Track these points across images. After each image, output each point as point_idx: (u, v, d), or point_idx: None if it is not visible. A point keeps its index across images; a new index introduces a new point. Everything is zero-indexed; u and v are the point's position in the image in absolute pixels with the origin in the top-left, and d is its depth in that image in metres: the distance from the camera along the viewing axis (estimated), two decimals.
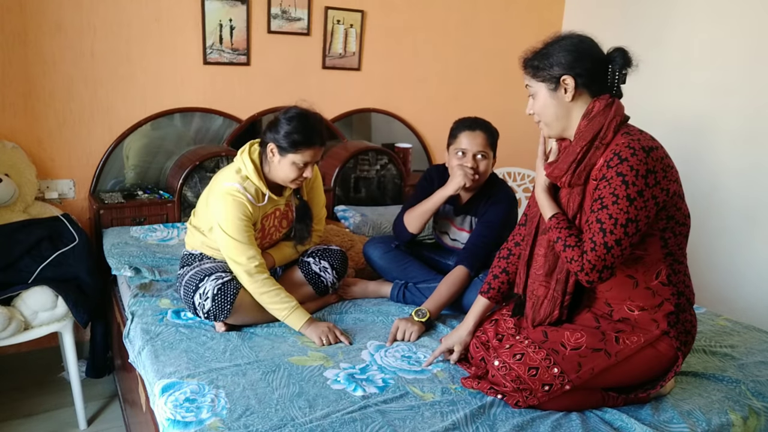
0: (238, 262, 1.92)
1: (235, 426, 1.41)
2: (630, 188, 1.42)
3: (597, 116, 1.51)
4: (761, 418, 1.64)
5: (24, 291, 2.18)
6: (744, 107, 2.88)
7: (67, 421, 2.38)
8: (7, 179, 2.32)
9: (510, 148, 3.72)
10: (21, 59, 2.52)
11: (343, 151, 3.12)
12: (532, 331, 1.65)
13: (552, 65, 1.54)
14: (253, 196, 1.97)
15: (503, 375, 1.56)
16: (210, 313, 1.90)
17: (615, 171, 1.43)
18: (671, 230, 1.52)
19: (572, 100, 1.54)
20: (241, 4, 2.88)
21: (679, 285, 1.55)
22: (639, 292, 1.56)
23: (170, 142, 2.89)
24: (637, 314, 1.57)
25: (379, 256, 2.32)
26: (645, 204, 1.43)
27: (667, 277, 1.54)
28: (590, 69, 1.52)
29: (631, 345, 1.54)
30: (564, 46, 1.54)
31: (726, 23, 2.93)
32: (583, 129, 1.53)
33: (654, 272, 1.54)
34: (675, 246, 1.53)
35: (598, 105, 1.52)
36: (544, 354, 1.54)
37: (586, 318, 1.63)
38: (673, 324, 1.54)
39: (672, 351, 1.55)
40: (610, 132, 1.49)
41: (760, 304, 2.86)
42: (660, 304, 1.55)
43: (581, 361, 1.52)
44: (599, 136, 1.50)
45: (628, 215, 1.42)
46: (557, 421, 1.52)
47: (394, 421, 1.47)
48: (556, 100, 1.56)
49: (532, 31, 3.76)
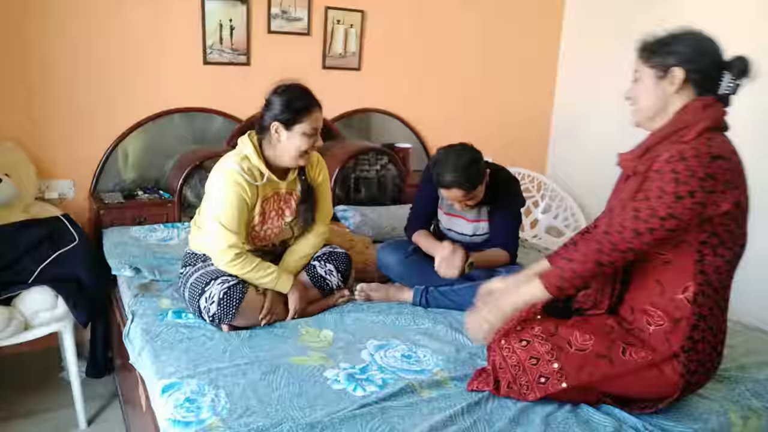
0: (220, 248, 1.93)
1: (235, 426, 1.41)
2: (680, 186, 1.38)
3: (690, 113, 1.48)
4: (761, 418, 1.64)
5: (24, 291, 2.18)
6: (747, 105, 2.88)
7: (67, 421, 2.38)
8: (7, 179, 2.32)
9: (510, 149, 3.73)
10: (21, 59, 2.52)
11: (343, 151, 3.12)
12: (545, 321, 1.63)
13: (668, 54, 1.50)
14: (249, 175, 1.96)
15: (505, 357, 1.57)
16: (215, 317, 1.89)
17: (671, 167, 1.40)
18: (711, 248, 1.46)
19: (675, 93, 1.51)
20: (241, 4, 2.88)
21: (704, 308, 1.48)
22: (662, 301, 1.51)
23: (170, 142, 2.89)
24: (653, 330, 1.52)
25: (396, 262, 2.29)
26: (693, 206, 1.38)
27: (694, 296, 1.47)
28: (704, 68, 1.49)
29: (637, 359, 1.50)
30: (686, 39, 1.51)
31: (727, 24, 2.93)
32: (671, 121, 1.50)
33: (682, 285, 1.49)
34: (711, 267, 1.47)
35: (697, 104, 1.48)
36: (549, 347, 1.54)
37: (601, 322, 1.60)
38: (687, 349, 1.48)
39: (676, 376, 1.49)
40: (693, 132, 1.44)
41: (760, 304, 2.86)
42: (677, 321, 1.49)
43: (583, 364, 1.52)
44: (680, 132, 1.47)
45: (671, 210, 1.39)
46: (552, 414, 1.54)
47: (392, 418, 1.48)
48: (659, 89, 1.52)
49: (531, 31, 3.77)
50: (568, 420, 1.52)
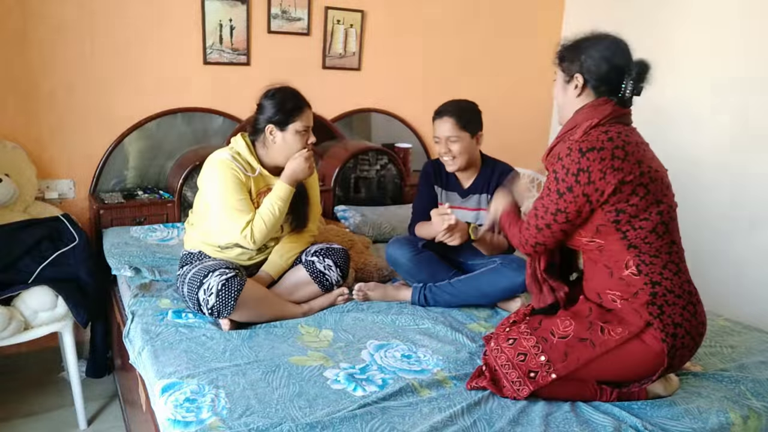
0: (233, 222, 1.99)
1: (235, 425, 1.41)
2: (560, 184, 1.56)
3: (581, 114, 1.61)
4: (761, 418, 1.64)
5: (24, 291, 2.18)
6: (745, 106, 2.88)
7: (67, 421, 2.38)
8: (7, 179, 2.32)
9: (510, 149, 3.72)
10: (21, 59, 2.52)
11: (343, 151, 3.12)
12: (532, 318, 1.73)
13: (573, 60, 1.63)
14: (243, 167, 2.04)
15: (495, 357, 1.65)
16: (214, 309, 1.90)
17: (552, 167, 1.59)
18: (627, 223, 1.55)
19: (579, 96, 1.63)
20: (241, 4, 2.88)
21: (653, 275, 1.56)
22: (614, 282, 1.60)
23: (170, 142, 2.89)
24: (620, 305, 1.59)
25: (408, 258, 2.27)
26: (575, 199, 1.54)
27: (637, 268, 1.57)
28: (603, 76, 1.59)
29: (615, 336, 1.55)
30: (591, 47, 1.61)
31: (727, 24, 2.93)
32: (567, 122, 1.65)
33: (622, 263, 1.58)
34: (637, 239, 1.56)
35: (589, 105, 1.61)
36: (534, 341, 1.62)
37: (581, 307, 1.67)
38: (657, 315, 1.54)
39: (658, 343, 1.54)
40: (580, 131, 1.57)
41: (760, 304, 2.86)
42: (635, 294, 1.57)
43: (567, 351, 1.57)
44: (570, 132, 1.61)
45: (558, 206, 1.58)
46: (552, 413, 1.54)
47: (393, 418, 1.48)
48: (566, 91, 1.66)
49: (531, 31, 3.77)
50: (568, 420, 1.53)
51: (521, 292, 2.17)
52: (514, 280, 2.13)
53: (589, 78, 1.60)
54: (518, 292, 2.17)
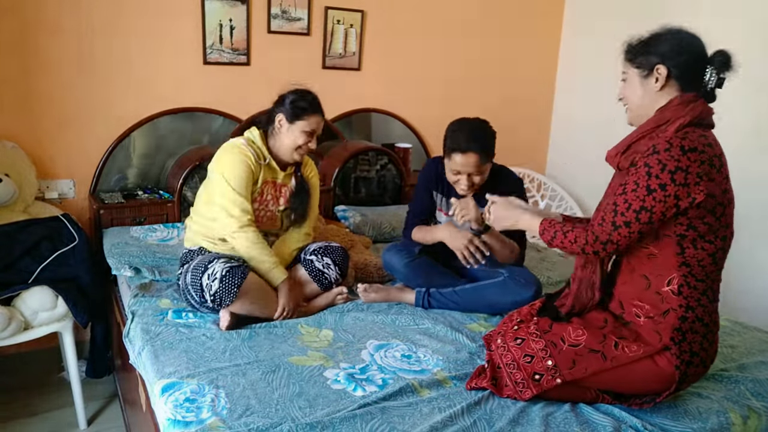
0: (232, 214, 2.03)
1: (235, 426, 1.41)
2: (652, 179, 1.43)
3: (670, 109, 1.50)
4: (761, 418, 1.64)
5: (24, 291, 2.18)
6: (753, 111, 2.88)
7: (67, 421, 2.38)
8: (7, 179, 2.32)
9: (510, 149, 3.72)
10: (21, 59, 2.52)
11: (343, 151, 3.12)
12: (541, 320, 1.67)
13: (650, 53, 1.54)
14: (256, 153, 2.12)
15: (501, 355, 1.62)
16: (216, 295, 1.89)
17: (644, 161, 1.45)
18: (691, 241, 1.48)
19: (660, 90, 1.54)
20: (241, 4, 2.88)
21: (690, 300, 1.51)
22: (649, 295, 1.55)
23: (170, 142, 2.89)
24: (643, 321, 1.55)
25: (403, 264, 2.25)
26: (665, 198, 1.43)
27: (679, 287, 1.51)
28: (686, 64, 1.51)
29: (629, 353, 1.52)
30: (667, 37, 1.55)
31: (728, 28, 2.93)
32: (653, 118, 1.53)
33: (666, 278, 1.52)
34: (693, 259, 1.50)
35: (678, 100, 1.51)
36: (543, 344, 1.58)
37: (595, 316, 1.63)
38: (678, 341, 1.50)
39: (671, 368, 1.51)
40: (672, 128, 1.47)
41: (760, 304, 2.86)
42: (665, 313, 1.52)
43: (576, 359, 1.54)
44: (660, 128, 1.50)
45: (644, 203, 1.44)
46: (552, 414, 1.54)
47: (393, 418, 1.48)
48: (645, 87, 1.56)
49: (531, 31, 3.77)
50: (568, 420, 1.53)
51: None
52: (523, 295, 2.07)
53: (672, 67, 1.51)
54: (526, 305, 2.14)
